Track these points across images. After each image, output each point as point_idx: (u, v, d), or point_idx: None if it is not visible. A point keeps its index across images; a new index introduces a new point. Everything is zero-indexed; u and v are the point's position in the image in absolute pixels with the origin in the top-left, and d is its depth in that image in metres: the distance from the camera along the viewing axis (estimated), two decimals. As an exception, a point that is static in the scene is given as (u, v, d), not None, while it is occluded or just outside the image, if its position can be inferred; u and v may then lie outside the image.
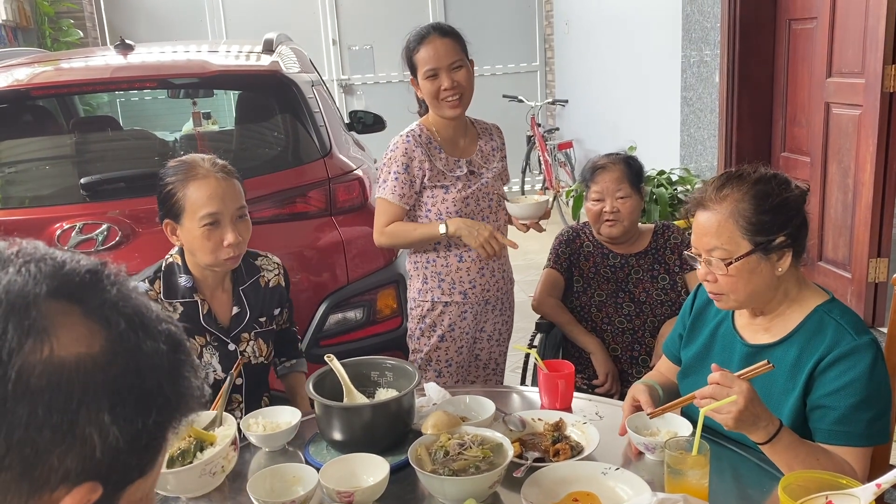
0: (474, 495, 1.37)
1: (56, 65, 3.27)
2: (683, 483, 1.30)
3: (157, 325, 0.62)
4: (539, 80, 7.97)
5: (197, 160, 1.88)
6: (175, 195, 1.84)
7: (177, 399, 0.62)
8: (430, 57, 2.23)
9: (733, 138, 4.32)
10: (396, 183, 2.30)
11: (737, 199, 1.49)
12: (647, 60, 5.54)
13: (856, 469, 1.41)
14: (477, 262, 2.38)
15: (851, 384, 1.43)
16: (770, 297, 1.55)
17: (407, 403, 1.67)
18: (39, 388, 0.54)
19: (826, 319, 1.51)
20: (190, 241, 1.85)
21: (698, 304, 1.77)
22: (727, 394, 1.35)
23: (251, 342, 1.97)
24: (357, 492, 1.41)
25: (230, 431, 1.54)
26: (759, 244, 1.48)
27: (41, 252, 0.60)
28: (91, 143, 3.28)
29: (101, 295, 0.60)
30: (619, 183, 2.41)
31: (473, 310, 2.43)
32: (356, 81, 7.67)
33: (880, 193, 3.40)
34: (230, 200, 1.85)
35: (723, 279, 1.51)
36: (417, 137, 2.31)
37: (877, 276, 3.51)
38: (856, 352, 1.44)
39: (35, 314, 0.55)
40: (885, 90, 3.29)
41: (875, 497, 1.09)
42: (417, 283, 2.43)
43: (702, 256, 1.53)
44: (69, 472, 0.55)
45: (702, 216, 1.53)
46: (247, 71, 3.06)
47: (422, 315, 2.43)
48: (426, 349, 2.43)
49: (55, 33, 6.69)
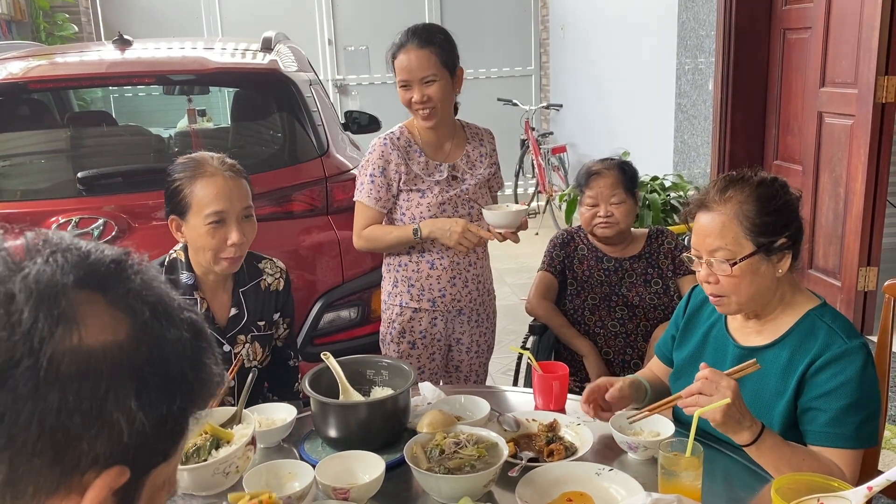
0: (469, 494, 1.38)
1: (52, 59, 3.26)
2: (677, 484, 1.31)
3: (179, 314, 0.63)
4: (534, 84, 8.00)
5: (206, 158, 1.87)
6: (182, 192, 1.83)
7: (199, 386, 0.63)
8: (402, 68, 2.20)
9: (726, 146, 4.35)
10: (372, 186, 2.28)
11: (740, 200, 1.51)
12: (641, 67, 5.57)
13: (845, 471, 1.43)
14: (449, 271, 2.34)
15: (842, 387, 1.45)
16: (768, 299, 1.57)
17: (403, 402, 1.67)
18: (69, 376, 0.55)
19: (818, 323, 1.53)
20: (194, 239, 1.85)
21: (692, 306, 1.78)
22: (715, 389, 1.36)
23: (247, 345, 1.96)
24: (353, 488, 1.41)
25: (248, 431, 1.52)
26: (761, 245, 1.50)
27: (67, 242, 0.61)
28: (86, 137, 3.28)
29: (125, 284, 0.61)
30: (614, 188, 2.43)
31: (444, 318, 2.39)
32: (351, 82, 7.67)
33: (871, 203, 3.44)
34: (237, 200, 1.85)
35: (725, 280, 1.52)
36: (395, 140, 2.29)
37: (866, 284, 3.54)
38: (847, 355, 1.46)
39: (64, 303, 0.57)
40: (877, 101, 3.33)
41: (866, 500, 1.10)
42: (388, 286, 2.41)
43: (703, 258, 1.54)
44: (98, 456, 0.56)
45: (704, 218, 1.55)
46: (246, 68, 3.06)
47: (391, 319, 2.40)
48: (396, 354, 2.39)
49: (50, 27, 6.66)
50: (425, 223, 2.24)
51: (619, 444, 1.58)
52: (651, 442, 1.54)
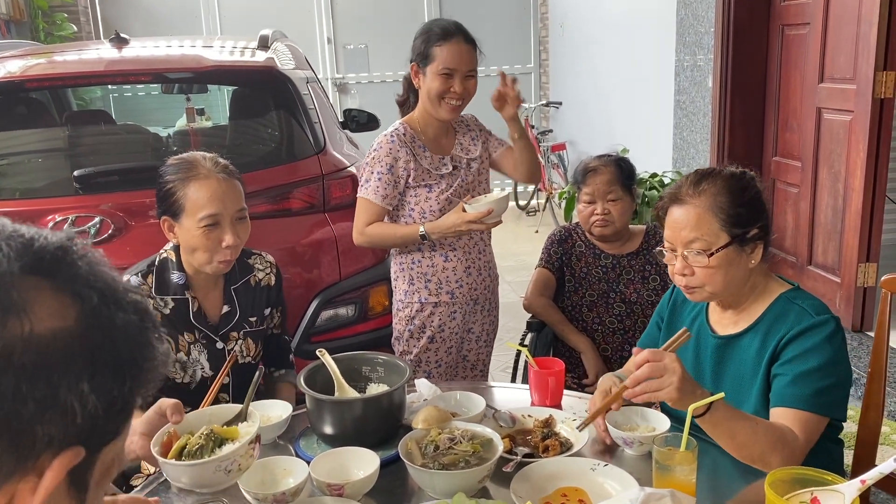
0: (464, 489, 1.37)
1: (50, 57, 3.26)
2: (671, 478, 1.31)
3: (125, 297, 0.64)
4: (533, 81, 7.99)
5: (198, 159, 1.85)
6: (175, 194, 1.82)
7: (147, 366, 0.64)
8: (451, 58, 2.23)
9: (725, 142, 4.34)
10: (380, 183, 2.29)
11: (714, 192, 1.54)
12: (641, 64, 5.56)
13: (799, 434, 1.43)
14: (463, 262, 2.38)
15: (806, 353, 1.48)
16: (741, 289, 1.60)
17: (398, 398, 1.67)
18: (22, 364, 0.56)
19: (789, 305, 1.56)
20: (188, 241, 1.84)
21: (676, 299, 1.79)
22: (663, 369, 1.35)
23: (240, 341, 1.96)
24: (347, 485, 1.41)
25: (252, 428, 1.49)
26: (735, 236, 1.53)
27: (9, 230, 0.61)
28: (84, 136, 3.28)
29: (71, 269, 0.61)
30: (611, 185, 2.43)
31: (462, 310, 2.43)
32: (350, 80, 7.67)
33: (870, 198, 3.43)
34: (230, 202, 1.83)
35: (700, 272, 1.55)
36: (402, 137, 2.30)
37: (865, 280, 3.54)
38: (814, 327, 1.49)
39: (14, 293, 0.57)
40: (876, 96, 3.32)
41: (859, 493, 1.10)
42: (403, 285, 2.42)
43: (678, 251, 1.57)
44: (53, 439, 0.57)
45: (678, 211, 1.57)
46: (242, 66, 3.05)
47: (410, 316, 2.42)
48: (415, 351, 2.42)
49: (49, 27, 6.67)
50: (431, 230, 2.26)
51: (614, 439, 1.57)
52: (647, 437, 1.53)
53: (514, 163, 2.42)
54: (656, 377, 1.36)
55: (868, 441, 1.81)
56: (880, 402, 1.79)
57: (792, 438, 1.42)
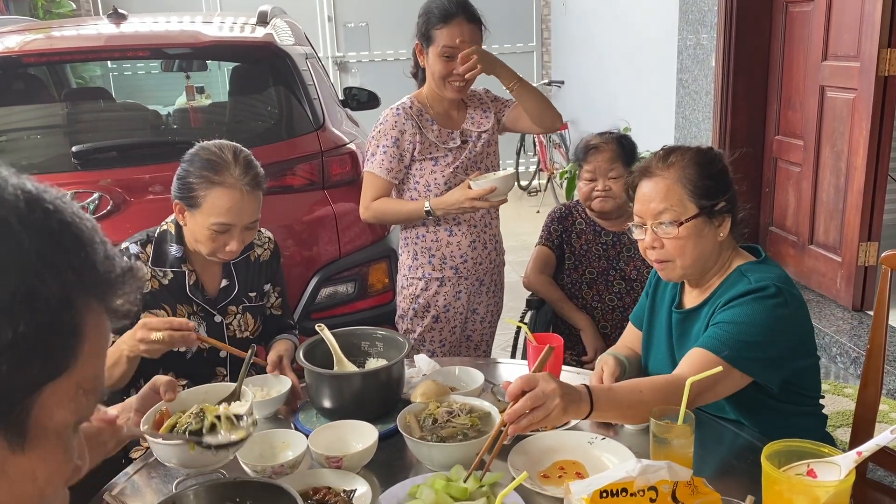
0: (461, 462, 1.38)
1: (48, 33, 3.24)
2: (669, 452, 1.31)
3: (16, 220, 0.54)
4: (535, 60, 7.93)
5: (230, 162, 1.79)
6: (195, 190, 1.78)
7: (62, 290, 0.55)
8: (452, 39, 2.19)
9: (727, 121, 4.32)
10: (385, 157, 2.28)
11: (682, 165, 1.58)
12: (643, 42, 5.52)
13: (690, 371, 1.41)
14: (468, 236, 2.38)
15: (731, 308, 1.51)
16: (711, 264, 1.61)
17: (396, 373, 1.67)
18: None
19: (740, 277, 1.58)
20: (194, 231, 1.83)
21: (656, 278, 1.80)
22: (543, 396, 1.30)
23: (238, 315, 1.96)
24: (346, 457, 1.42)
25: (243, 409, 1.46)
26: (703, 207, 1.56)
27: None
28: (83, 113, 3.27)
29: None
30: (612, 162, 2.42)
31: (468, 290, 2.42)
32: (351, 59, 7.62)
33: (872, 177, 3.41)
34: (247, 215, 1.81)
35: (670, 244, 1.56)
36: (408, 110, 2.29)
37: (867, 259, 3.53)
38: (749, 292, 1.52)
39: None
40: (879, 74, 3.29)
41: (856, 465, 1.10)
42: (408, 260, 2.42)
43: (647, 224, 1.59)
44: None
45: (647, 185, 1.60)
46: (241, 42, 3.03)
47: (414, 294, 2.41)
48: (419, 330, 2.42)
49: (47, 4, 6.62)
50: (436, 206, 2.25)
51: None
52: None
53: (524, 113, 2.37)
54: (539, 405, 1.30)
55: (866, 417, 1.82)
56: (878, 378, 1.79)
57: (681, 380, 1.37)
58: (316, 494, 1.34)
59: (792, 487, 1.12)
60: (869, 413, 1.81)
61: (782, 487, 1.12)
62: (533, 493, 1.33)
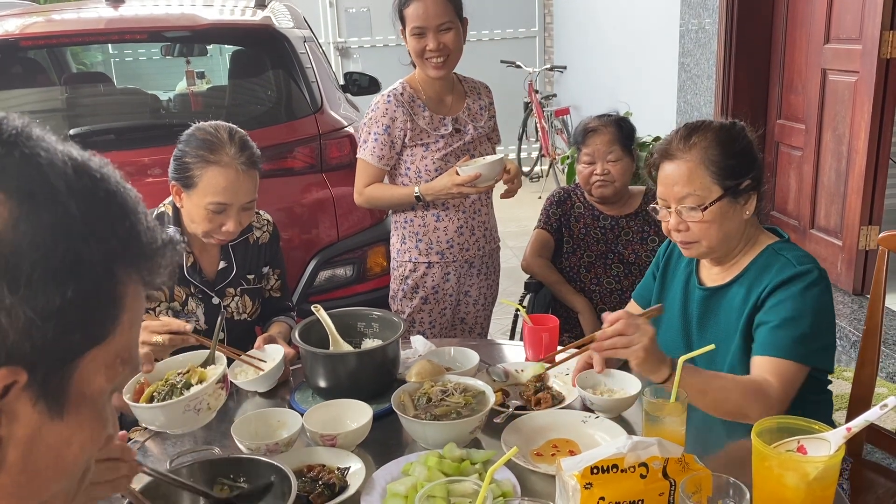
0: (455, 440, 1.39)
1: (47, 16, 3.23)
2: (661, 429, 1.31)
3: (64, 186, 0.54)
4: (537, 45, 7.89)
5: (224, 141, 1.80)
6: (191, 170, 1.79)
7: (106, 258, 0.55)
8: (418, 15, 2.17)
9: (729, 105, 4.30)
10: (376, 144, 2.27)
11: (704, 146, 1.53)
12: (645, 27, 5.49)
13: (773, 381, 1.43)
14: (455, 222, 2.36)
15: (783, 302, 1.49)
16: (736, 242, 1.59)
17: (392, 352, 1.68)
18: None
19: (774, 256, 1.56)
20: (190, 212, 1.84)
21: (672, 251, 1.79)
22: (635, 329, 1.35)
23: (236, 297, 1.97)
24: (340, 435, 1.42)
25: (219, 370, 1.55)
26: (728, 188, 1.52)
27: None
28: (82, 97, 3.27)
29: None
30: (611, 145, 2.41)
31: (457, 272, 2.42)
32: (353, 44, 7.59)
33: (874, 161, 3.40)
34: (243, 194, 1.81)
35: (695, 226, 1.54)
36: (399, 96, 2.28)
37: (868, 243, 3.52)
38: (795, 277, 1.50)
39: None
40: (882, 56, 3.27)
41: (845, 440, 1.10)
42: (397, 243, 2.42)
43: (671, 207, 1.56)
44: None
45: (669, 167, 1.56)
46: (239, 25, 3.03)
47: (403, 276, 2.42)
48: (408, 310, 2.43)
49: (47, -11, 6.60)
50: (425, 191, 2.24)
51: (586, 403, 1.56)
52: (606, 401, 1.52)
53: None
54: (627, 334, 1.36)
55: (862, 397, 1.82)
56: (875, 358, 1.80)
57: (768, 387, 1.42)
58: (310, 472, 1.35)
59: (782, 463, 1.12)
60: (865, 392, 1.82)
61: (772, 463, 1.13)
62: (526, 470, 1.33)
